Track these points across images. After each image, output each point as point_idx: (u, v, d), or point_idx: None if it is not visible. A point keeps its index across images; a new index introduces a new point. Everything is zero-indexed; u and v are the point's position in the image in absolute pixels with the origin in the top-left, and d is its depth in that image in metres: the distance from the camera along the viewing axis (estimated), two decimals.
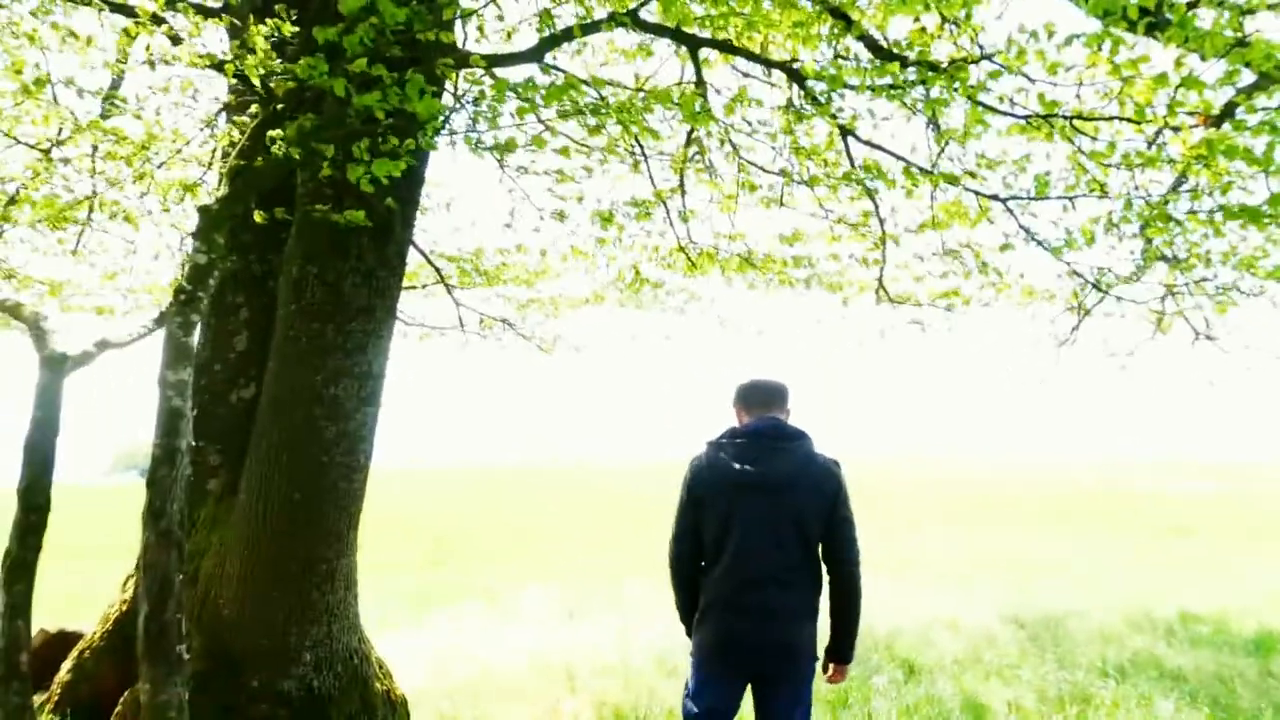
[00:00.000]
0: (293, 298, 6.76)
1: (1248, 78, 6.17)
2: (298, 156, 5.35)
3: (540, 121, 5.37)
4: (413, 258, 9.80)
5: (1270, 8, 7.29)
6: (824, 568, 4.28)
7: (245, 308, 7.45)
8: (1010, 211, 7.08)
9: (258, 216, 6.50)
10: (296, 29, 5.54)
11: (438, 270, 9.72)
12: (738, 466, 4.06)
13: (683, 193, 8.12)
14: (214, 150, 7.59)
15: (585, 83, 5.62)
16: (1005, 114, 6.08)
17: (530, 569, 16.16)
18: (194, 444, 7.33)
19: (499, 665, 8.99)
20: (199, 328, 5.35)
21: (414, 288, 10.23)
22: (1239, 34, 5.49)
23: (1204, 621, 10.78)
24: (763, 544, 4.02)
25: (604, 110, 5.32)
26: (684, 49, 6.88)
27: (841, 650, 4.33)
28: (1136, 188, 6.29)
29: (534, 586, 13.60)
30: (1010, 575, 14.73)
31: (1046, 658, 9.06)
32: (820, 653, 4.37)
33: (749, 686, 4.21)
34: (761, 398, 4.32)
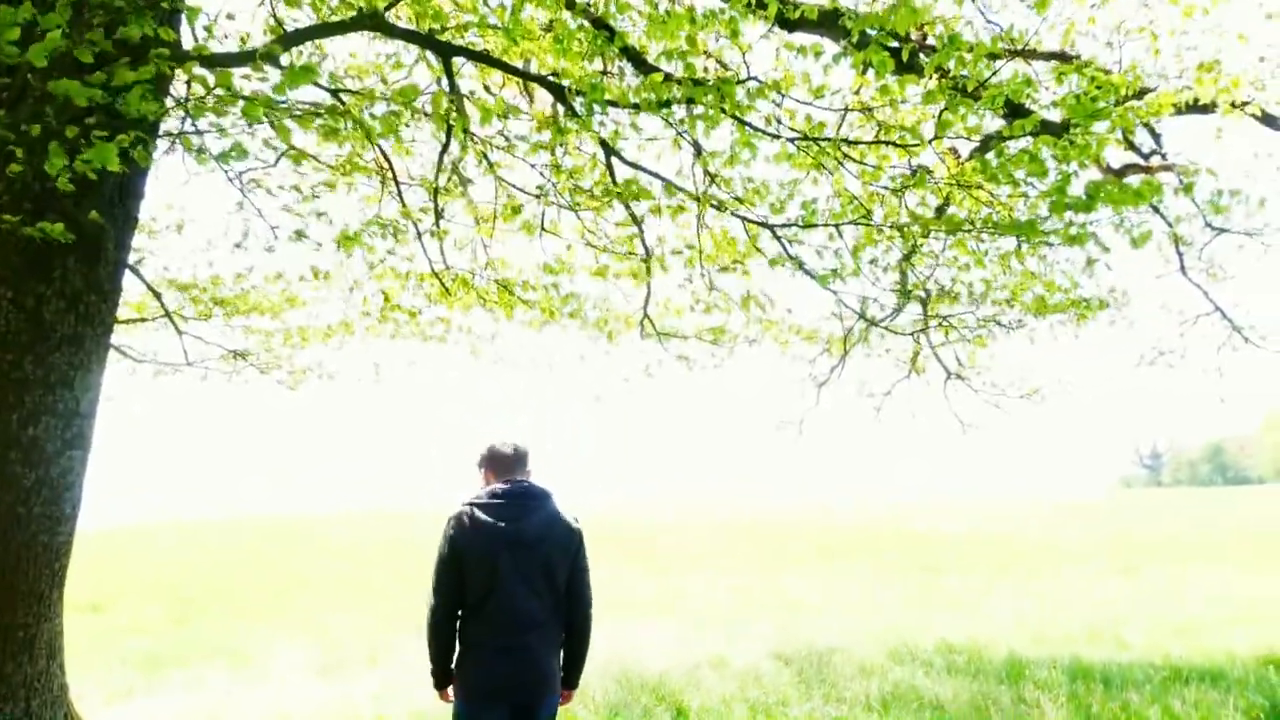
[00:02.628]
0: None
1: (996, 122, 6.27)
2: None
3: (271, 125, 4.79)
4: (138, 288, 8.91)
5: (1015, 54, 7.50)
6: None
7: None
8: (778, 239, 6.90)
9: None
10: None
11: (158, 297, 8.69)
12: (497, 524, 4.49)
13: (437, 215, 7.60)
14: None
15: (322, 86, 5.08)
16: (771, 135, 5.91)
17: (281, 625, 15.10)
18: None
19: None
20: None
21: (142, 320, 9.28)
22: (983, 75, 5.52)
23: (958, 651, 10.97)
24: (523, 591, 4.49)
25: (340, 112, 4.79)
26: (438, 61, 6.40)
27: (572, 679, 4.83)
28: (904, 223, 6.21)
29: (284, 644, 12.64)
30: (779, 614, 14.75)
31: (813, 693, 8.94)
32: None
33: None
34: (509, 463, 4.78)
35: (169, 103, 5.60)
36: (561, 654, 4.74)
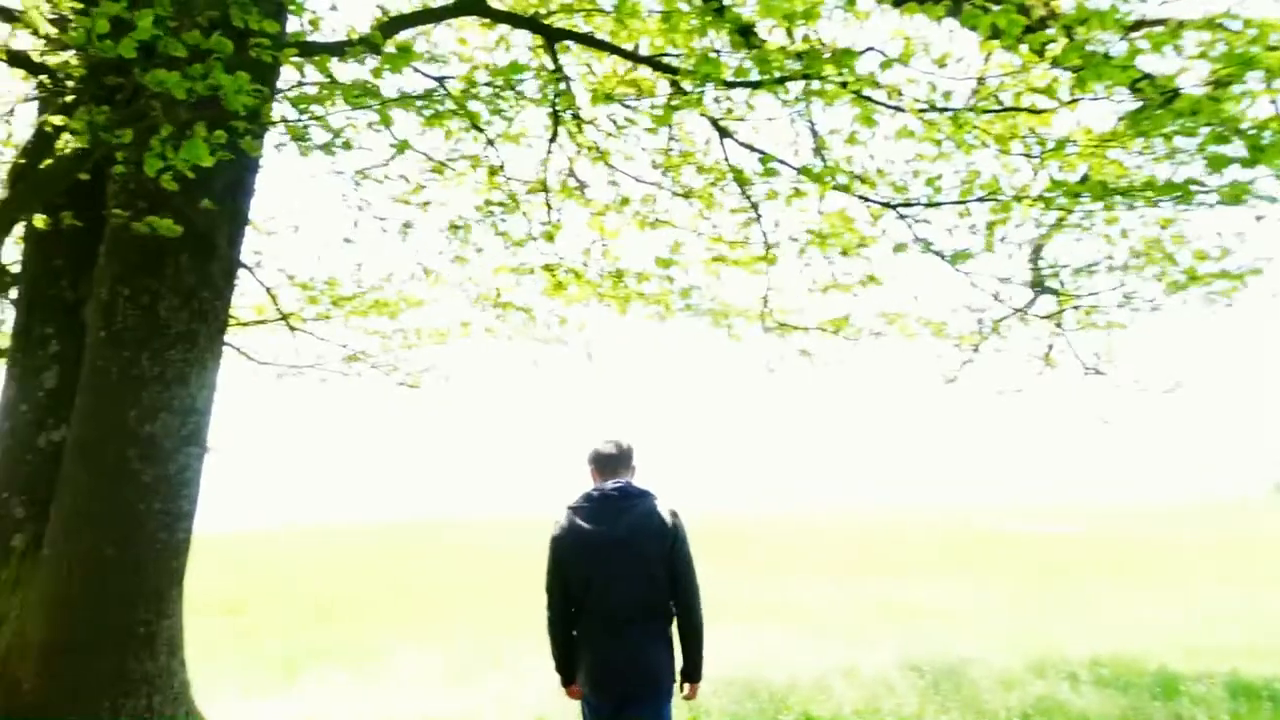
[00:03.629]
0: (102, 323, 5.92)
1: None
2: (87, 144, 4.60)
3: (374, 110, 4.69)
4: (259, 290, 8.98)
5: (1155, 23, 7.01)
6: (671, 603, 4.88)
7: (55, 340, 6.52)
8: (903, 219, 6.55)
9: (38, 222, 5.67)
10: (80, 3, 4.78)
11: (274, 298, 8.68)
12: (591, 526, 4.74)
13: (548, 207, 7.44)
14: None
15: (422, 71, 4.97)
16: (894, 108, 5.58)
17: (409, 629, 15.23)
18: None
19: None
20: None
21: (261, 322, 9.35)
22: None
23: (1104, 664, 10.36)
24: (619, 587, 4.70)
25: (438, 97, 4.66)
26: (546, 53, 6.25)
27: (692, 672, 4.88)
28: (1044, 194, 5.76)
29: (412, 648, 12.72)
30: (904, 622, 14.20)
31: (949, 706, 8.51)
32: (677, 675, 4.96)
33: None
34: (611, 464, 4.98)
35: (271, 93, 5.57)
36: (674, 647, 4.87)
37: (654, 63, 5.79)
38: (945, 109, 5.48)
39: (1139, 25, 6.88)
